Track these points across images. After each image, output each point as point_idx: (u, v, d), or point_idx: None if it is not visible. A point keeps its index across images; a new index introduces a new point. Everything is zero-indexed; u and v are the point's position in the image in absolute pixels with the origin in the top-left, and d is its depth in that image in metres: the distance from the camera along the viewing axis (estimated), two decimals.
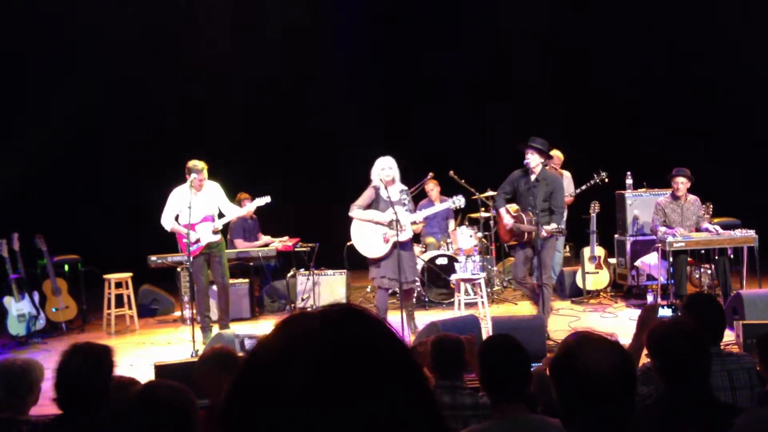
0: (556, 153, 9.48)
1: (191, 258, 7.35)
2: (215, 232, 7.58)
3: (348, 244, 7.40)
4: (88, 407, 2.85)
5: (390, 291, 7.30)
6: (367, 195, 7.07)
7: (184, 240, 7.33)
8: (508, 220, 7.20)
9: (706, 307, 3.50)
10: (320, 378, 0.80)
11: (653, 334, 2.65)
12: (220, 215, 7.68)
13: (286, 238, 9.43)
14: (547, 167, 7.47)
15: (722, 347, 3.76)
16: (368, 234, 7.05)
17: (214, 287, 7.85)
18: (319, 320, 0.86)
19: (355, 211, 7.05)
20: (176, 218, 7.54)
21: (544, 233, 6.93)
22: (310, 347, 0.83)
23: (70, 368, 2.89)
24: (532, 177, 7.14)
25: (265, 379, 0.83)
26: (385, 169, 6.99)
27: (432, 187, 9.66)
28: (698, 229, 8.11)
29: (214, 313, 7.95)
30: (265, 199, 7.82)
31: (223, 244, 7.79)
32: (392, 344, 0.88)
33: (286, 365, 0.82)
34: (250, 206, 7.95)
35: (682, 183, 8.12)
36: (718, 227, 7.98)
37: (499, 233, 7.81)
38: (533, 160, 7.08)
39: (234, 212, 7.85)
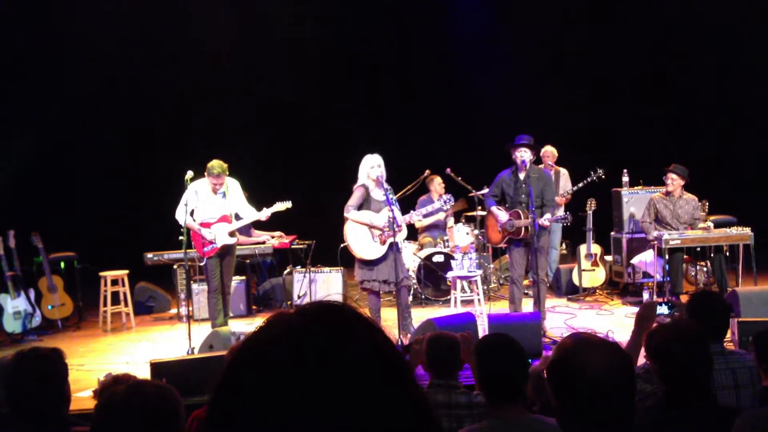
0: (551, 149, 9.47)
1: (205, 258, 7.27)
2: (231, 235, 7.37)
3: (342, 245, 7.29)
4: (47, 417, 2.74)
5: (381, 292, 7.12)
6: (358, 195, 6.84)
7: (199, 240, 7.21)
8: (503, 216, 7.17)
9: (711, 304, 3.49)
10: (299, 368, 0.81)
11: (652, 338, 2.62)
12: (237, 217, 7.42)
13: (279, 233, 9.36)
14: (540, 165, 7.48)
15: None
16: (364, 235, 6.87)
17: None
18: (295, 316, 0.89)
19: (351, 213, 6.82)
20: (191, 213, 7.20)
21: (547, 222, 6.94)
22: (287, 340, 0.84)
23: (22, 379, 2.74)
24: (522, 174, 7.13)
25: (246, 375, 0.85)
26: (374, 167, 6.80)
27: (436, 186, 9.63)
28: (694, 228, 8.12)
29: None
30: (286, 204, 7.56)
31: (235, 247, 7.65)
32: (370, 334, 0.88)
33: (265, 359, 0.84)
34: (268, 211, 7.53)
35: (672, 179, 8.12)
36: (711, 225, 8.00)
37: (488, 235, 7.65)
38: (527, 156, 7.10)
39: (252, 216, 7.50)
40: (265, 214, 7.52)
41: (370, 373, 0.84)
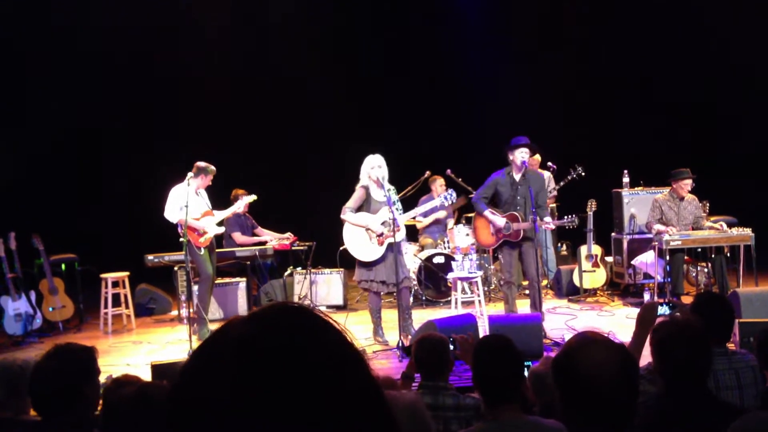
0: (535, 156, 9.48)
1: (201, 249, 7.59)
2: (219, 225, 7.88)
3: (342, 247, 7.29)
4: (65, 410, 2.76)
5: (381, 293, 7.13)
6: (357, 196, 6.84)
7: (194, 234, 7.53)
8: (499, 221, 7.17)
9: (716, 306, 3.50)
10: (244, 372, 0.80)
11: (657, 333, 2.64)
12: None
13: (288, 234, 9.35)
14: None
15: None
16: (361, 237, 6.86)
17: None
18: (242, 323, 0.87)
19: (348, 214, 6.82)
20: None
21: (552, 225, 6.96)
22: (227, 350, 0.83)
23: (42, 371, 2.81)
24: (517, 176, 7.13)
25: (193, 380, 0.84)
26: (375, 168, 6.78)
27: (437, 186, 9.62)
28: (697, 228, 8.11)
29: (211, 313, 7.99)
30: (252, 197, 8.21)
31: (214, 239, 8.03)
32: (319, 335, 0.86)
33: (205, 372, 0.83)
34: (235, 206, 8.21)
35: (689, 184, 8.12)
36: (723, 224, 7.98)
37: (478, 239, 7.61)
38: (527, 157, 7.12)
39: (221, 214, 8.02)
40: (237, 207, 8.21)
41: (315, 375, 0.81)
